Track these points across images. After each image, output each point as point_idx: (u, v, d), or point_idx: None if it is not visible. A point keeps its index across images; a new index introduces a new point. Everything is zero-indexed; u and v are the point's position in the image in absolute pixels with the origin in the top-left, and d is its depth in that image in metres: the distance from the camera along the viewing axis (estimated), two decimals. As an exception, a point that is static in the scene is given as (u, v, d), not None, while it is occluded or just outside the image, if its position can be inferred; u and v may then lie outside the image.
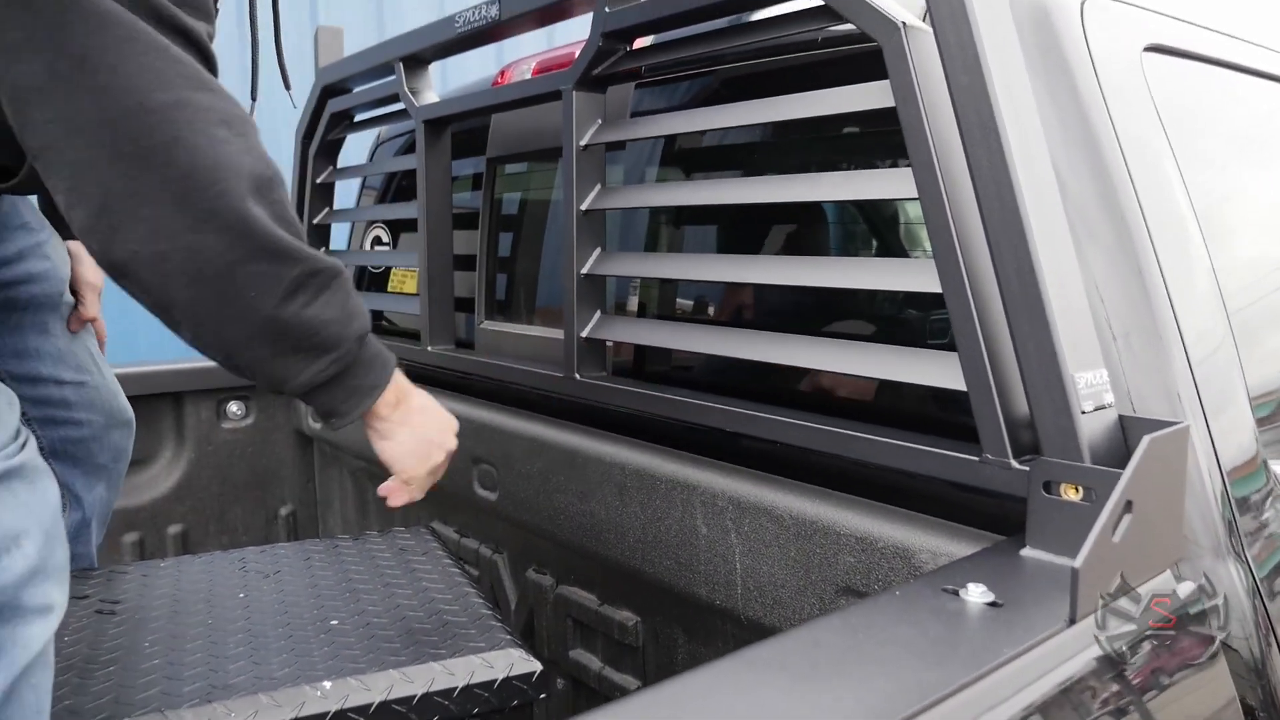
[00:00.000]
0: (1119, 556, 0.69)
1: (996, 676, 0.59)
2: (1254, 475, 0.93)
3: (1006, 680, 0.59)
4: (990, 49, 0.80)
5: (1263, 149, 1.29)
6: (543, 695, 0.98)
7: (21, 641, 0.77)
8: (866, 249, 1.20)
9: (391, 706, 0.90)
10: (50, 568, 0.82)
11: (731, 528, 1.05)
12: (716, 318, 1.29)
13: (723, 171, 1.34)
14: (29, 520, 0.81)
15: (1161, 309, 0.89)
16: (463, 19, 1.41)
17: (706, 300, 1.31)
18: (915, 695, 0.54)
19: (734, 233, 1.31)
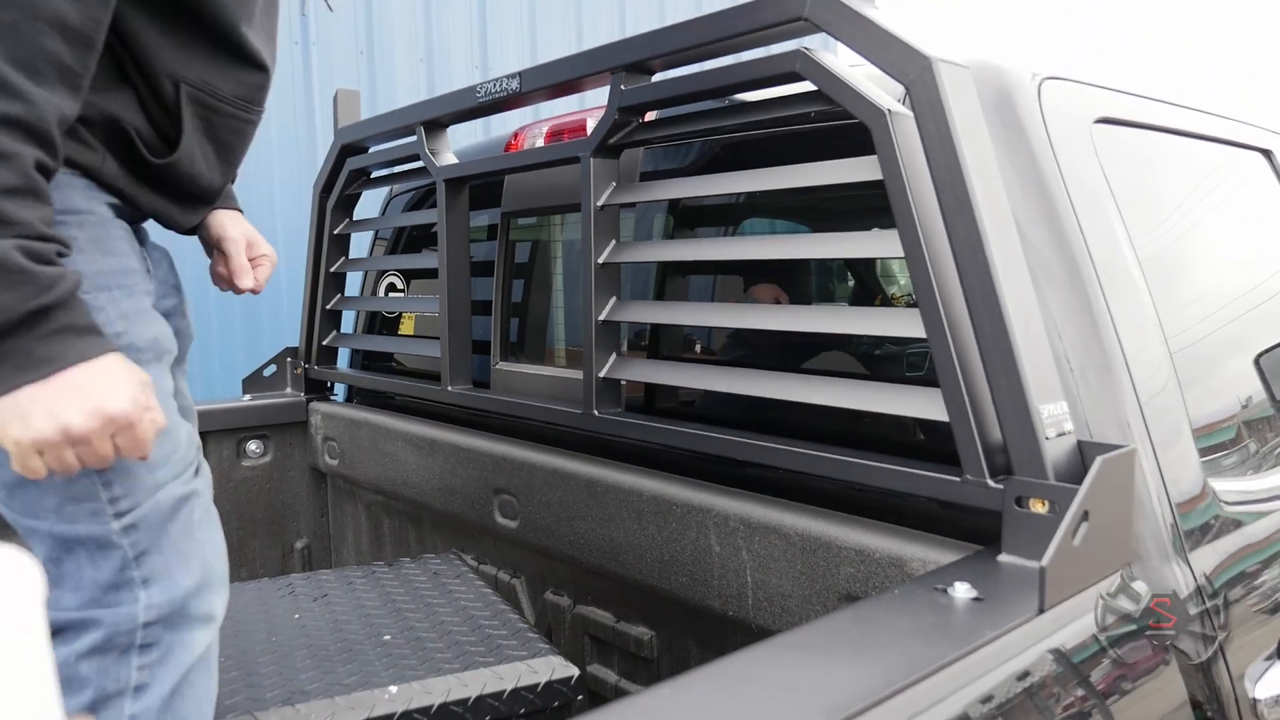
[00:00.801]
0: (1079, 558, 0.83)
1: (981, 653, 0.72)
2: (1197, 493, 1.07)
3: (989, 656, 0.73)
4: (962, 131, 0.95)
5: (1201, 203, 1.46)
6: (580, 696, 1.10)
7: (188, 645, 0.93)
8: (859, 293, 1.35)
9: (450, 708, 1.02)
10: (213, 581, 0.97)
11: (743, 545, 1.18)
12: (725, 358, 1.43)
13: (728, 223, 1.49)
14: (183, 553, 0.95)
15: (1111, 345, 1.03)
16: (484, 90, 1.55)
17: (718, 341, 1.46)
18: (917, 667, 0.68)
19: (744, 278, 1.45)
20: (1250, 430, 1.28)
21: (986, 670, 0.72)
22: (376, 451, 1.93)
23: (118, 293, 1.00)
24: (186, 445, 1.05)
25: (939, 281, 0.97)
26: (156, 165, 1.07)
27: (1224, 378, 1.31)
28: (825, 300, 1.46)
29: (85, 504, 0.94)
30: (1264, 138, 1.71)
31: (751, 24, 1.13)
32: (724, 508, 1.20)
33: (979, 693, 0.72)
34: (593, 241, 1.36)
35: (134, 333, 1.00)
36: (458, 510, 1.70)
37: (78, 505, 0.94)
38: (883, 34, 0.98)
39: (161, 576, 0.94)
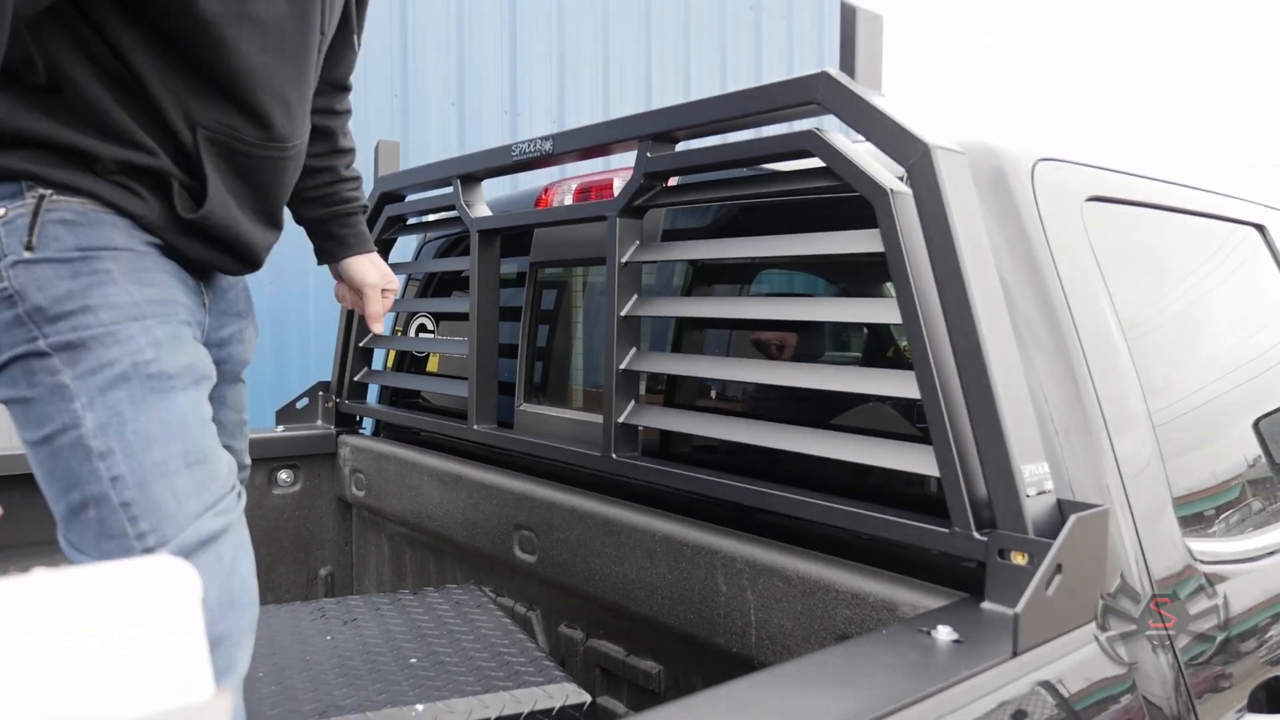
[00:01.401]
0: (1052, 606, 0.91)
1: (957, 689, 0.80)
2: (1172, 551, 1.15)
3: (965, 691, 0.81)
4: (955, 211, 1.04)
5: (1189, 276, 1.55)
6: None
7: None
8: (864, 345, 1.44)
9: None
10: (234, 633, 0.99)
11: (748, 586, 1.26)
12: (738, 408, 1.52)
13: (744, 278, 1.59)
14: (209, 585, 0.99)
15: (1092, 409, 1.12)
16: (518, 149, 1.66)
17: (732, 391, 1.55)
18: (896, 699, 0.76)
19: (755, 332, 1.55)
20: (1231, 491, 1.36)
21: (960, 706, 0.80)
22: (402, 484, 2.02)
23: (151, 321, 1.04)
24: (227, 474, 1.07)
25: (933, 347, 1.06)
26: (188, 220, 1.11)
27: (1208, 442, 1.38)
28: (831, 346, 1.55)
29: (115, 540, 0.97)
30: (1257, 213, 1.79)
31: (769, 104, 1.23)
32: (731, 550, 1.28)
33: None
34: (616, 296, 1.46)
35: (165, 359, 1.03)
36: (479, 544, 1.78)
37: (110, 540, 0.97)
38: (886, 120, 1.08)
39: None
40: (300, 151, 1.26)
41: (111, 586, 0.36)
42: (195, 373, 1.07)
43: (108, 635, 0.36)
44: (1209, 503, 1.29)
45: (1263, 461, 1.46)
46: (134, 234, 1.07)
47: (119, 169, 1.06)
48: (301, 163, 1.29)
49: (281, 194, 1.26)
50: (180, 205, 1.10)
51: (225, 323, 1.30)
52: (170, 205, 1.09)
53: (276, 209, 1.26)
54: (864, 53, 1.13)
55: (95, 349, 1.00)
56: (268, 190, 1.21)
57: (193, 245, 1.14)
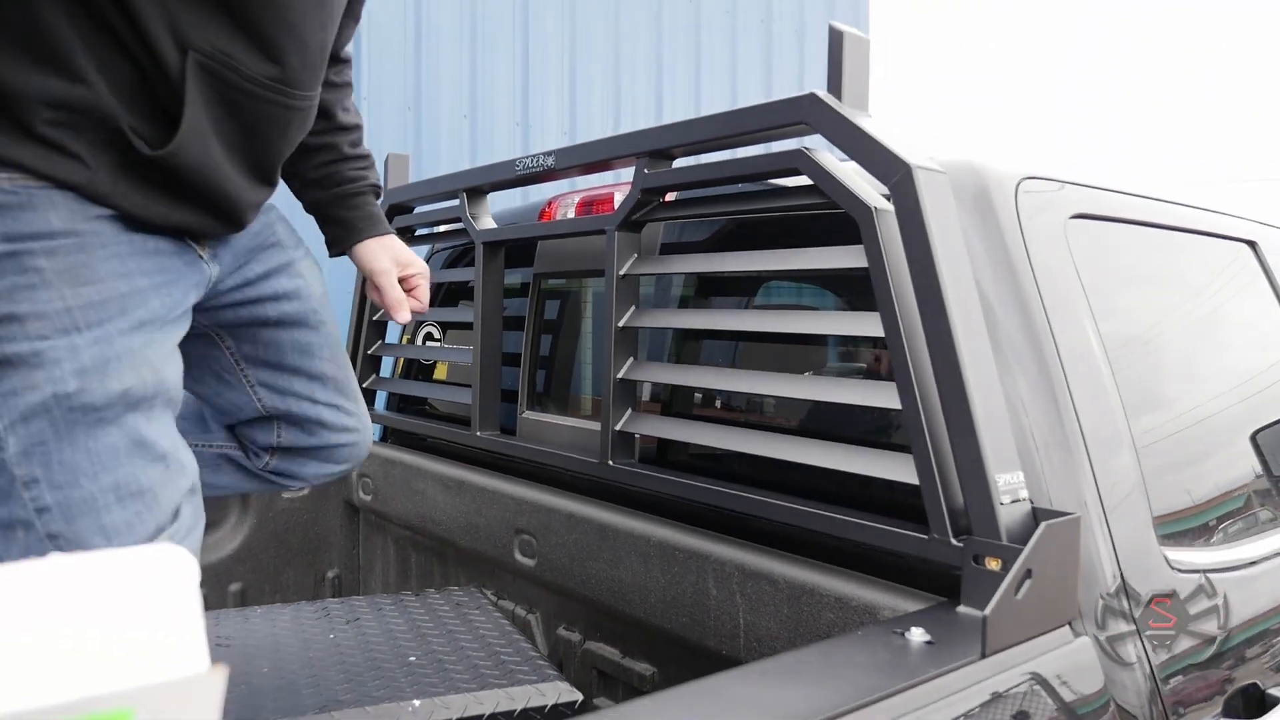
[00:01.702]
0: (1021, 610, 0.95)
1: (926, 686, 0.84)
2: (1149, 561, 1.18)
3: (935, 689, 0.84)
4: (934, 229, 1.08)
5: (1175, 293, 1.58)
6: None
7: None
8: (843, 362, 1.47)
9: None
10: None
11: (737, 590, 1.29)
12: (729, 417, 1.56)
13: (738, 289, 1.63)
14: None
15: (1071, 426, 1.15)
16: (522, 164, 1.71)
17: (724, 400, 1.58)
18: (866, 692, 0.79)
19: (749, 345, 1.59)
20: (1213, 504, 1.39)
21: (928, 703, 0.84)
22: (408, 489, 2.07)
23: (82, 338, 0.90)
24: (170, 497, 0.96)
25: (913, 360, 1.09)
26: (150, 158, 0.92)
27: (1190, 456, 1.41)
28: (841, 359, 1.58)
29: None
30: (1249, 229, 1.82)
31: (760, 124, 1.27)
32: (721, 555, 1.32)
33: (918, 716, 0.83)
34: (614, 307, 1.50)
35: (92, 390, 0.90)
36: (480, 548, 1.82)
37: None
38: (869, 140, 1.12)
39: None
40: (311, 108, 1.11)
41: (111, 569, 0.41)
42: (131, 397, 0.94)
43: (107, 612, 0.40)
44: (1190, 515, 1.32)
45: (1246, 475, 1.49)
46: (77, 210, 0.91)
47: (52, 116, 0.88)
48: (310, 122, 1.14)
49: (283, 149, 1.11)
50: (140, 141, 0.92)
51: (258, 258, 1.18)
52: (121, 153, 0.91)
53: (273, 164, 1.11)
54: (850, 74, 1.17)
55: (19, 368, 0.88)
56: (265, 142, 1.05)
57: (156, 206, 0.96)
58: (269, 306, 1.24)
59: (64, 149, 0.89)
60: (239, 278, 1.19)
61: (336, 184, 1.40)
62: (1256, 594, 1.30)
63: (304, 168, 1.37)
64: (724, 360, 1.60)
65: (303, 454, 1.35)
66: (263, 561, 2.27)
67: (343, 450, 1.38)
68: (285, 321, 1.27)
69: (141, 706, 0.40)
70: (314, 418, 1.32)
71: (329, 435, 1.34)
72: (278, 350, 1.27)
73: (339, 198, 1.41)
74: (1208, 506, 1.37)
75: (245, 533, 2.25)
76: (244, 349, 1.27)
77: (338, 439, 1.36)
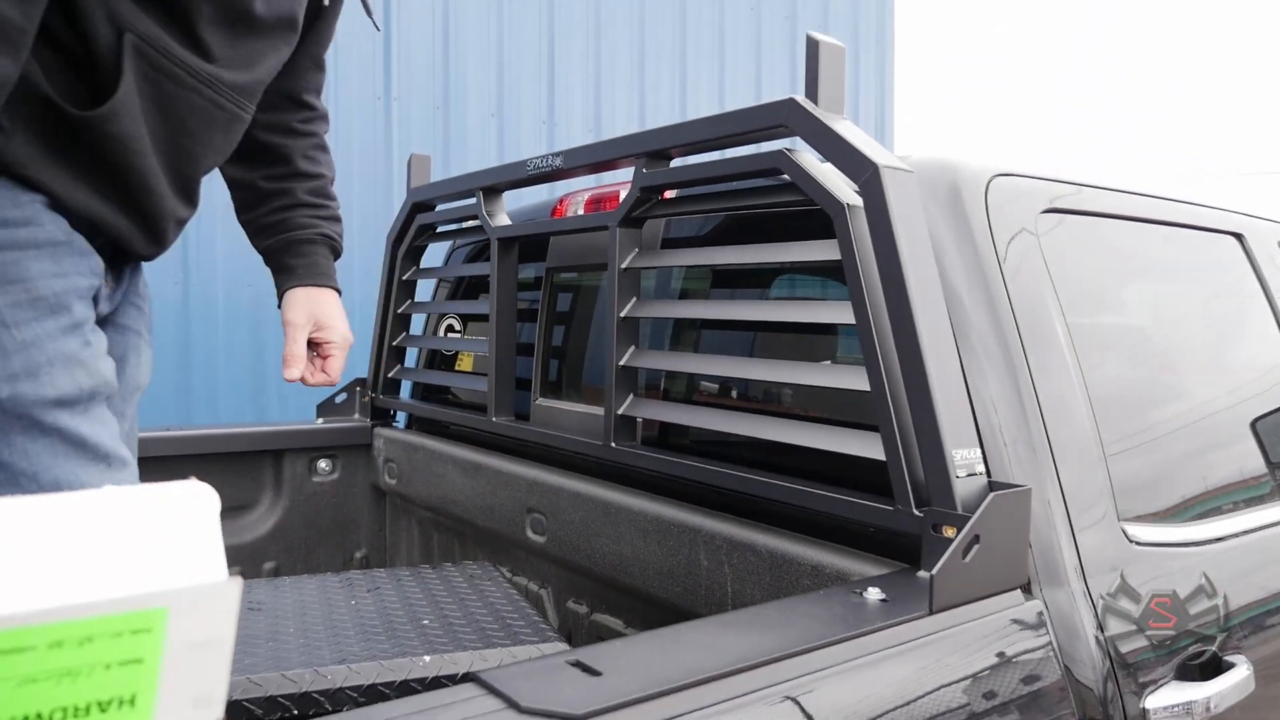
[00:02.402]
0: (969, 572, 1.04)
1: (874, 637, 0.93)
2: (1106, 534, 1.26)
3: (883, 639, 0.94)
4: (899, 225, 1.16)
5: (1155, 285, 1.65)
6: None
7: None
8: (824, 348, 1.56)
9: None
10: None
11: (725, 560, 1.39)
12: (721, 401, 1.65)
13: (734, 280, 1.72)
14: None
15: (1036, 424, 1.23)
16: (533, 164, 1.82)
17: (715, 386, 1.68)
18: (818, 637, 0.89)
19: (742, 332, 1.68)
20: (1175, 484, 1.46)
21: (879, 649, 0.93)
22: (429, 473, 2.18)
23: (14, 338, 0.88)
24: None
25: (881, 346, 1.18)
26: (78, 119, 0.89)
27: (1160, 441, 1.48)
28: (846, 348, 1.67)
29: None
30: (1235, 221, 1.88)
31: (745, 126, 1.37)
32: (711, 528, 1.41)
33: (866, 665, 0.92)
34: (616, 298, 1.60)
35: (23, 396, 0.88)
36: (496, 527, 1.94)
37: None
38: (841, 142, 1.21)
39: None
40: (240, 119, 1.08)
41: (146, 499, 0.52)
42: (67, 399, 0.92)
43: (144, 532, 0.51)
44: (1152, 494, 1.40)
45: (1213, 458, 1.55)
46: (4, 196, 0.88)
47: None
48: (237, 137, 1.11)
49: (205, 158, 1.07)
50: (68, 104, 0.88)
51: (118, 307, 1.13)
52: (43, 120, 0.87)
53: (195, 173, 1.07)
54: (826, 80, 1.26)
55: None
56: (191, 142, 1.02)
57: (78, 190, 0.92)
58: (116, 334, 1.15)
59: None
60: (106, 308, 1.12)
61: (285, 230, 1.35)
62: (1216, 569, 1.37)
63: (259, 213, 1.35)
64: (717, 349, 1.70)
65: None
66: (295, 542, 2.40)
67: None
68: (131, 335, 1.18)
69: (173, 605, 0.51)
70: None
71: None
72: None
73: (287, 244, 1.36)
74: (1170, 487, 1.44)
75: (278, 515, 2.38)
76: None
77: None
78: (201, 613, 0.52)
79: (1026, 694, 1.06)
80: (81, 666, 0.50)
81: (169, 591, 0.51)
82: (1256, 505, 1.56)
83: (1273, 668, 1.36)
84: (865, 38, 5.80)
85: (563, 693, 0.75)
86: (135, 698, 0.52)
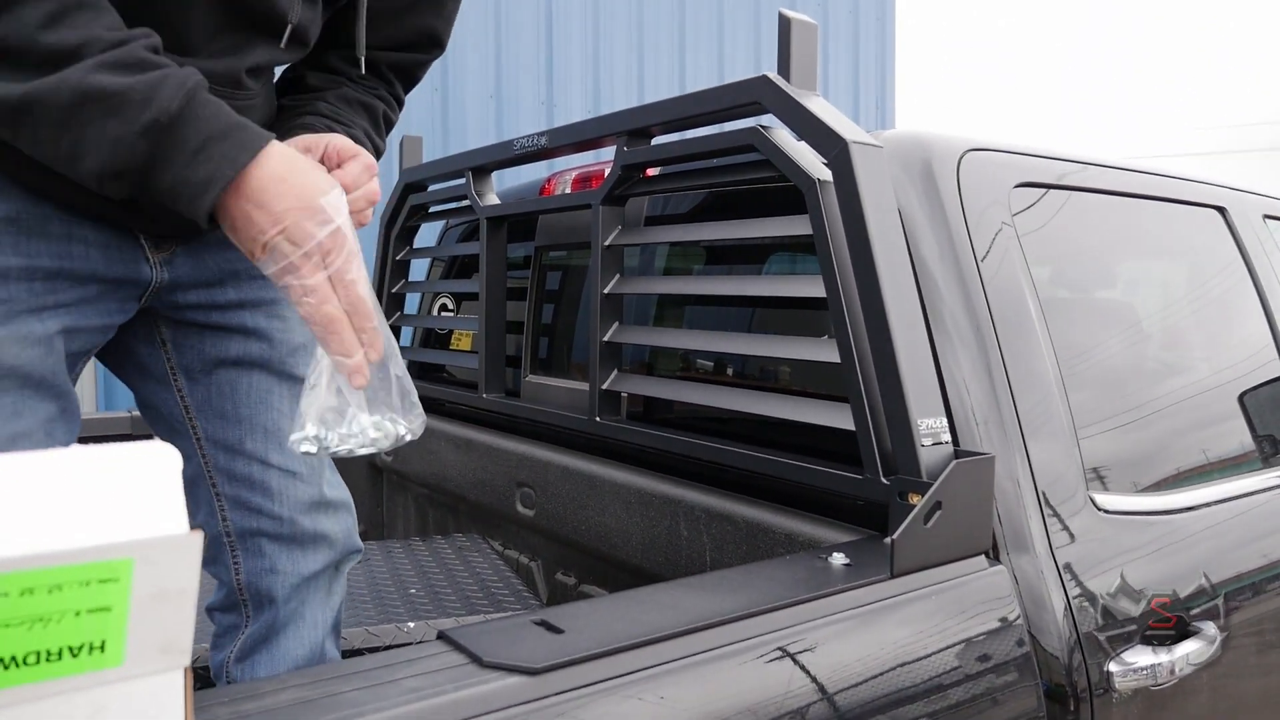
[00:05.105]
0: (930, 537, 1.07)
1: (835, 599, 0.96)
2: (1073, 502, 1.29)
3: (843, 600, 0.97)
4: (866, 199, 1.19)
5: (1126, 256, 1.66)
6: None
7: None
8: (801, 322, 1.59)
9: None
10: None
11: (704, 530, 1.42)
12: (701, 375, 1.68)
13: (712, 257, 1.75)
14: None
15: (1006, 404, 1.25)
16: (519, 144, 1.84)
17: (696, 360, 1.71)
18: (779, 597, 0.92)
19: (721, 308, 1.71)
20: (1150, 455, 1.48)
21: (840, 610, 0.96)
22: (423, 450, 2.22)
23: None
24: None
25: (850, 320, 1.21)
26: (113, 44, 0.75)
27: (1132, 412, 1.51)
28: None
29: None
30: (1218, 194, 1.89)
31: (721, 104, 1.39)
32: (690, 499, 1.45)
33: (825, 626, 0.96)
34: (599, 275, 1.63)
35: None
36: (487, 501, 1.97)
37: None
38: (811, 117, 1.23)
39: None
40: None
41: (111, 457, 0.55)
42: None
43: (109, 488, 0.54)
44: (1123, 465, 1.42)
45: (1187, 429, 1.58)
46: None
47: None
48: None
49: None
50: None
51: (235, 284, 1.09)
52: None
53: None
54: (798, 57, 1.28)
55: None
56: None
57: (26, 168, 0.85)
58: (234, 342, 1.11)
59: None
60: (205, 296, 1.08)
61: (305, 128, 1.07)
62: (1185, 537, 1.40)
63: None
64: (699, 325, 1.73)
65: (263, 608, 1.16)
66: None
67: (313, 553, 1.18)
68: (245, 362, 1.12)
69: (138, 556, 0.54)
70: (262, 482, 1.14)
71: (285, 512, 1.14)
72: (231, 395, 1.12)
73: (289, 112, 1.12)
74: (1142, 458, 1.47)
75: (277, 491, 2.43)
76: (196, 394, 1.13)
77: (302, 525, 1.16)
78: (166, 564, 0.55)
79: (990, 657, 1.09)
80: (52, 613, 0.53)
81: (134, 542, 0.54)
82: (1229, 476, 1.58)
83: (1239, 633, 1.39)
84: (866, 15, 5.78)
85: (524, 649, 0.79)
86: (105, 644, 0.56)
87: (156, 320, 1.10)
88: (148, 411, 1.18)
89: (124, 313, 1.03)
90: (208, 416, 1.13)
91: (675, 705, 0.81)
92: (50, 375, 0.94)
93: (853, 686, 0.95)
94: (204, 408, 1.13)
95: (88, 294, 0.96)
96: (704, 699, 0.83)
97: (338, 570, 1.23)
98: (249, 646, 1.17)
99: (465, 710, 0.71)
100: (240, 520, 1.15)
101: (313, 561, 1.18)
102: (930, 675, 1.02)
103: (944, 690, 1.02)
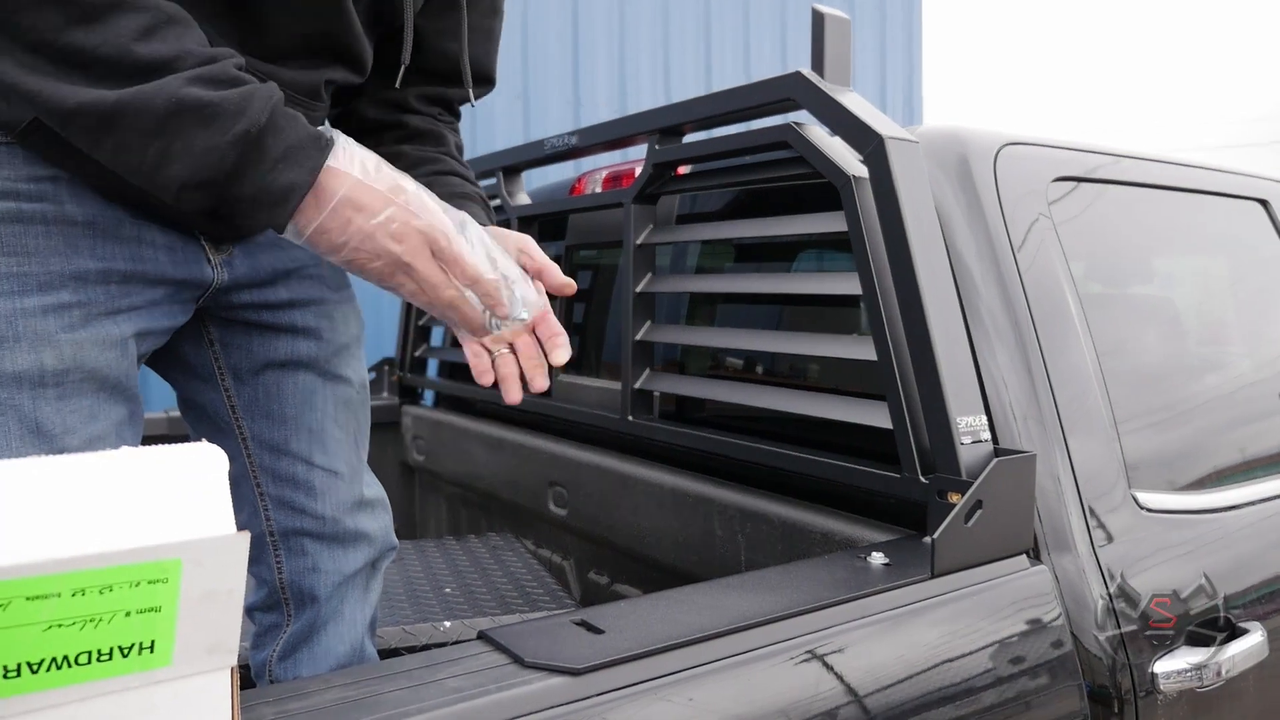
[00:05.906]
0: (971, 537, 1.05)
1: (875, 599, 0.96)
2: (1115, 501, 1.27)
3: (883, 601, 0.96)
4: (903, 195, 1.17)
5: (1167, 249, 1.64)
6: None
7: None
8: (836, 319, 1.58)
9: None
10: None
11: (738, 530, 1.42)
12: (734, 373, 1.68)
13: (747, 255, 1.74)
14: None
15: (1045, 400, 1.23)
16: (549, 144, 1.84)
17: (732, 358, 1.70)
18: (821, 597, 0.91)
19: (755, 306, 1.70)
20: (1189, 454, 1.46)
21: (881, 610, 0.95)
22: (456, 449, 2.23)
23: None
24: None
25: (887, 316, 1.20)
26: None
27: (1175, 408, 1.48)
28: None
29: None
30: (1261, 187, 1.86)
31: (754, 101, 1.38)
32: (725, 498, 1.44)
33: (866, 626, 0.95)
34: (631, 274, 1.62)
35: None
36: (520, 500, 1.98)
37: None
38: (846, 114, 1.22)
39: None
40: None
41: (160, 459, 0.55)
42: (27, 379, 0.86)
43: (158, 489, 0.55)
44: (1166, 462, 1.40)
45: (1230, 428, 1.55)
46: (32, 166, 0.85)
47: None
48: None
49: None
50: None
51: (287, 283, 1.10)
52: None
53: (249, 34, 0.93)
54: (832, 53, 1.27)
55: None
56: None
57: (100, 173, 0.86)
58: (282, 342, 1.12)
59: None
60: (258, 296, 1.09)
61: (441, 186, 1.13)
62: (1230, 536, 1.38)
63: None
64: (732, 323, 1.72)
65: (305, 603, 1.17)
66: None
67: (354, 551, 1.19)
68: (293, 362, 1.13)
69: (186, 556, 0.54)
70: (306, 482, 1.16)
71: (328, 512, 1.16)
72: (278, 395, 1.13)
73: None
74: (1185, 455, 1.45)
75: (311, 491, 2.44)
76: (243, 394, 1.14)
77: (344, 524, 1.18)
78: (214, 564, 0.56)
79: (1032, 658, 1.08)
80: (103, 613, 0.54)
81: (182, 543, 0.54)
82: (1272, 474, 1.55)
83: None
84: (892, 8, 5.73)
85: (565, 649, 0.79)
86: (154, 644, 0.56)
87: (204, 320, 1.11)
88: (191, 411, 1.18)
89: (185, 314, 1.04)
90: (254, 416, 1.14)
91: (718, 706, 0.80)
92: (124, 378, 0.94)
93: (894, 685, 0.94)
94: (250, 407, 1.14)
95: (156, 296, 0.97)
96: (746, 699, 0.83)
97: (374, 568, 1.24)
98: (291, 645, 1.18)
99: (508, 710, 0.71)
100: (284, 520, 1.16)
101: (353, 560, 1.19)
102: (971, 675, 1.01)
103: (985, 690, 1.01)
